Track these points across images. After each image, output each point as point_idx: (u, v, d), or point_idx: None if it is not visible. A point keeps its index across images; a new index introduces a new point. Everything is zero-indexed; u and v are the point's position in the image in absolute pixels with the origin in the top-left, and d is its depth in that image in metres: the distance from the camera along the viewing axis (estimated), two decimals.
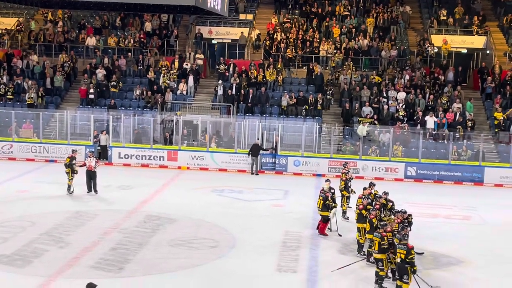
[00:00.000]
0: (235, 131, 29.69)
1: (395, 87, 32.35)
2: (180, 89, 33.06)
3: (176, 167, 28.65)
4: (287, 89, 33.16)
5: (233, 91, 32.17)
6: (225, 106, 31.91)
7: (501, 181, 27.55)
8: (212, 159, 28.81)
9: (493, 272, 15.46)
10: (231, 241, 17.24)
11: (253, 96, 32.11)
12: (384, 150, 29.05)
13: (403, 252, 12.92)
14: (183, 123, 29.99)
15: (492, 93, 32.46)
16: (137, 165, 28.84)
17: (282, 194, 24.04)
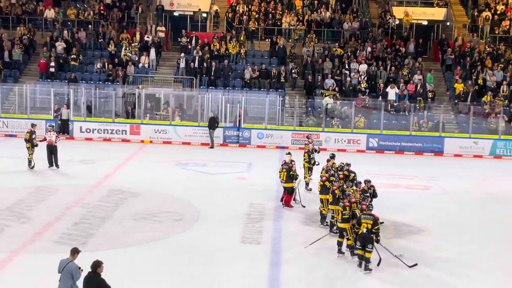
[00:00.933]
0: (198, 104, 29.56)
1: (357, 59, 32.53)
2: (141, 62, 32.68)
3: (139, 141, 28.44)
4: (250, 62, 33.06)
5: (196, 64, 31.94)
6: (188, 79, 31.69)
7: (461, 151, 28.07)
8: (175, 133, 28.67)
9: (452, 240, 15.83)
10: (195, 214, 17.28)
11: (216, 69, 31.94)
12: (347, 122, 29.29)
13: (370, 222, 13.15)
14: (145, 96, 29.73)
15: (452, 65, 32.89)
16: (99, 139, 28.53)
17: (245, 167, 24.11)
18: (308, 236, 15.32)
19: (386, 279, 13.06)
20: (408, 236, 16.03)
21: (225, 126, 28.76)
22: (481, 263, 14.21)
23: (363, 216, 13.34)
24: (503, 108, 29.54)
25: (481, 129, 29.14)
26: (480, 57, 32.86)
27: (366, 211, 13.38)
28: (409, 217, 17.60)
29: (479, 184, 22.47)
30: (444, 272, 13.58)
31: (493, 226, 17.32)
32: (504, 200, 20.32)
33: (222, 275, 12.84)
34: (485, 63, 32.37)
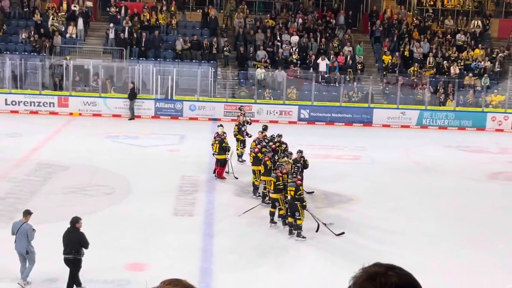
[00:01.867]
0: (128, 76, 29.04)
1: (289, 31, 32.64)
2: (69, 32, 31.76)
3: (68, 114, 27.76)
4: (181, 33, 32.64)
5: (126, 34, 31.31)
6: (118, 50, 31.04)
7: (388, 122, 28.76)
8: (105, 105, 28.13)
9: (380, 208, 16.28)
10: (127, 187, 17.12)
11: (146, 40, 31.39)
12: (279, 94, 29.46)
13: (292, 189, 13.43)
14: (73, 68, 28.98)
15: (381, 37, 33.46)
16: (26, 112, 27.66)
17: (178, 139, 23.97)
18: (240, 207, 15.45)
19: (317, 246, 13.35)
20: (338, 205, 16.39)
21: (157, 98, 28.42)
22: (409, 230, 14.69)
23: (288, 184, 13.61)
24: (429, 79, 30.35)
25: (408, 100, 29.89)
26: (407, 29, 33.55)
27: (291, 179, 13.66)
28: (339, 186, 17.96)
29: (406, 154, 23.12)
30: (374, 239, 13.98)
31: (420, 193, 17.92)
32: (430, 169, 21.02)
33: (154, 248, 12.82)
34: (412, 35, 33.09)
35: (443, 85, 30.20)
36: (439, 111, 29.27)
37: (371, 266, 2.04)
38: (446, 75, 30.89)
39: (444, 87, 30.17)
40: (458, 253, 13.14)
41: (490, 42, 33.63)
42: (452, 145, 24.89)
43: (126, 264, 11.95)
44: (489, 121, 29.10)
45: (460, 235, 14.38)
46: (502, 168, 21.44)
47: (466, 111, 29.29)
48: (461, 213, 16.02)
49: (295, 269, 12.23)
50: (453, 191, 18.21)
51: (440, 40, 32.70)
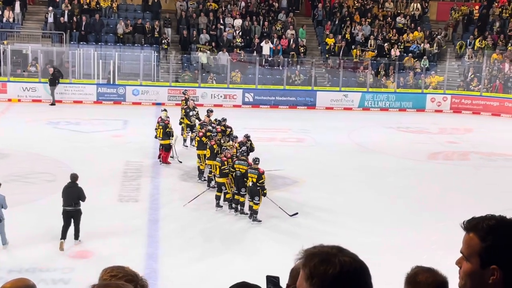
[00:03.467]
0: (69, 61, 28.47)
1: (232, 14, 32.55)
2: (5, 16, 30.83)
3: (6, 100, 27.05)
4: (122, 16, 32.13)
5: (65, 18, 30.60)
6: (57, 34, 30.34)
7: (331, 104, 29.13)
8: (46, 90, 27.52)
9: (324, 189, 16.51)
10: (69, 174, 16.79)
11: (87, 24, 30.79)
12: (223, 78, 29.42)
13: (254, 176, 13.54)
14: (11, 52, 28.20)
15: (323, 20, 33.73)
16: None
17: (121, 124, 23.71)
18: (186, 192, 15.44)
19: (264, 231, 13.46)
20: (284, 187, 16.54)
21: (98, 83, 27.98)
22: (352, 210, 14.94)
23: (249, 170, 13.69)
24: (371, 61, 30.82)
25: (350, 83, 30.31)
26: (348, 12, 33.91)
27: (253, 166, 13.74)
28: (284, 169, 18.10)
29: (349, 136, 23.48)
30: (319, 220, 14.17)
31: (363, 174, 18.24)
32: (371, 150, 21.42)
33: (99, 234, 12.69)
34: (353, 18, 33.48)
35: (384, 67, 30.73)
36: (380, 93, 29.81)
37: (317, 248, 2.05)
38: (387, 57, 31.43)
39: (385, 69, 30.71)
40: (400, 232, 13.47)
41: (429, 25, 34.35)
42: (393, 126, 25.43)
43: (71, 252, 11.81)
44: (429, 102, 29.83)
45: (402, 214, 14.73)
46: (441, 148, 22.05)
47: (407, 93, 29.94)
48: (402, 193, 16.40)
49: (241, 251, 12.33)
50: (394, 171, 18.62)
51: (381, 23, 33.20)
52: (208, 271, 11.25)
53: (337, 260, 1.97)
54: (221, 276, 10.83)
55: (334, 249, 2.03)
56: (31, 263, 11.09)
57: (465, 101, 29.93)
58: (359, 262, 2.02)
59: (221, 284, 9.81)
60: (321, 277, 1.96)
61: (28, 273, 10.75)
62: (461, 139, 23.68)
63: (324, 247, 2.05)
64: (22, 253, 11.71)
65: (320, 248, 2.04)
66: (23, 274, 10.42)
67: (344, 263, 1.97)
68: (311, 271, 1.98)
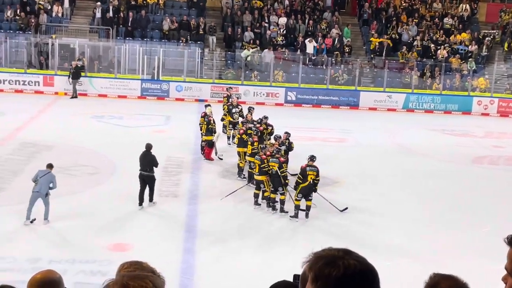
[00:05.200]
0: (114, 56, 28.85)
1: (276, 12, 32.50)
2: (54, 11, 31.42)
3: (53, 93, 27.58)
4: (168, 13, 32.41)
5: (111, 13, 31.02)
6: (104, 29, 30.79)
7: (375, 105, 28.80)
8: (91, 85, 27.96)
9: (364, 190, 16.35)
10: (111, 167, 17.07)
11: (133, 20, 31.16)
12: (266, 76, 29.39)
13: (314, 173, 13.66)
14: (59, 47, 28.72)
15: (369, 19, 33.40)
16: (11, 90, 27.44)
17: (163, 120, 23.90)
18: (225, 189, 15.45)
19: (301, 230, 13.40)
20: (323, 187, 16.32)
21: (143, 79, 28.29)
22: (391, 212, 14.75)
23: (309, 168, 13.73)
24: (416, 62, 30.38)
25: (395, 83, 29.93)
26: (395, 12, 33.49)
27: (310, 163, 13.88)
28: (324, 169, 17.87)
29: (391, 137, 23.18)
30: (359, 222, 14.04)
31: (405, 176, 18.00)
32: (414, 152, 21.10)
33: (137, 228, 12.82)
34: (400, 18, 33.06)
35: (430, 69, 30.25)
36: (425, 94, 29.35)
37: (325, 251, 2.04)
38: (433, 58, 30.93)
39: (430, 70, 30.23)
40: (440, 236, 13.23)
41: (478, 26, 33.67)
42: (437, 128, 25.00)
43: (109, 245, 11.93)
44: (475, 105, 29.23)
45: (442, 218, 14.46)
46: (486, 152, 21.58)
47: (452, 95, 29.42)
48: (444, 196, 16.12)
49: (277, 249, 12.28)
50: (437, 174, 18.29)
51: (428, 24, 32.69)
52: (244, 268, 11.24)
53: (342, 263, 1.97)
54: (256, 273, 10.81)
55: (341, 252, 2.02)
56: (70, 254, 11.25)
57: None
58: (366, 265, 2.00)
59: (256, 281, 9.80)
60: (325, 279, 1.95)
61: (68, 264, 10.92)
62: (508, 143, 23.11)
63: (331, 250, 2.05)
64: (62, 244, 11.90)
65: (328, 251, 2.03)
66: (63, 265, 10.61)
67: (348, 266, 1.96)
68: (316, 273, 1.98)
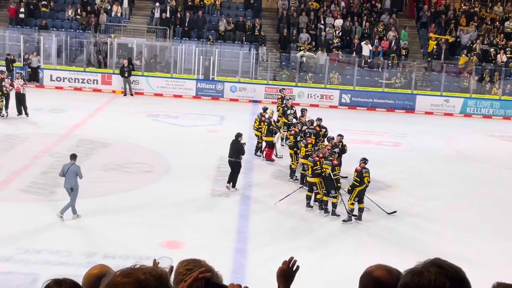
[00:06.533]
0: (171, 56, 29.23)
1: (333, 14, 32.31)
2: (114, 11, 32.06)
3: (110, 91, 28.11)
4: (224, 14, 32.64)
5: (168, 14, 31.42)
6: (161, 29, 31.22)
7: (432, 109, 28.30)
8: (148, 84, 28.39)
9: (418, 195, 16.10)
10: (165, 166, 17.28)
11: (190, 20, 31.50)
12: (320, 78, 29.26)
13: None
14: (117, 46, 29.28)
15: (427, 22, 32.85)
16: (70, 88, 28.12)
17: (218, 120, 24.05)
18: (277, 190, 15.47)
19: (352, 233, 13.28)
20: (376, 191, 16.20)
21: (198, 79, 28.56)
22: (446, 218, 14.49)
23: (364, 170, 13.93)
24: (475, 66, 29.73)
25: (452, 87, 29.35)
26: (455, 15, 32.85)
27: (362, 165, 13.99)
28: (377, 172, 17.68)
29: (448, 142, 22.73)
30: (411, 227, 13.85)
31: (460, 182, 17.64)
32: (471, 158, 20.65)
33: (191, 227, 12.93)
34: (459, 21, 32.41)
35: (489, 73, 29.56)
36: (484, 99, 28.69)
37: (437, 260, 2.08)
38: (493, 63, 30.20)
39: (490, 75, 29.53)
40: (495, 244, 12.91)
41: None
42: (496, 134, 24.39)
43: (162, 242, 12.07)
44: None
45: (498, 226, 14.11)
46: None
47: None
48: (500, 204, 15.72)
49: (328, 252, 12.21)
50: (494, 181, 17.86)
51: (488, 27, 31.95)
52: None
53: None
54: (307, 275, 10.75)
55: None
56: (124, 250, 11.43)
57: None
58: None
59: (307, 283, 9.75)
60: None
61: (121, 260, 11.09)
62: None
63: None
64: (117, 240, 12.10)
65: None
66: (116, 261, 10.78)
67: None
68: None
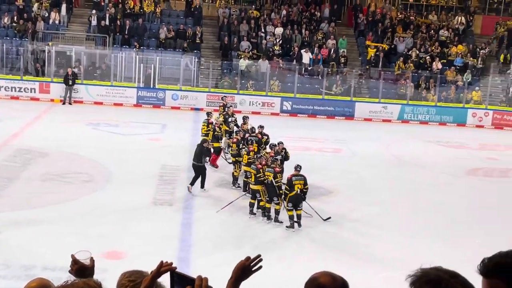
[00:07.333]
0: (111, 63, 28.88)
1: (273, 22, 32.61)
2: (52, 18, 31.46)
3: (49, 100, 27.55)
4: (165, 22, 32.48)
5: (108, 21, 31.05)
6: (101, 37, 30.82)
7: (370, 116, 28.87)
8: (87, 92, 27.95)
9: (358, 200, 16.38)
10: (107, 175, 17.05)
11: (130, 28, 31.21)
12: (261, 85, 29.45)
13: (302, 182, 13.76)
14: (55, 53, 28.74)
15: (365, 30, 33.52)
16: (6, 97, 27.40)
17: (159, 128, 23.90)
18: (220, 197, 15.48)
19: (295, 239, 13.40)
20: (317, 197, 16.41)
21: (139, 87, 28.32)
22: (386, 223, 14.77)
23: (295, 177, 13.77)
24: (411, 74, 30.49)
25: (390, 94, 30.02)
26: (391, 23, 33.64)
27: (296, 173, 13.94)
28: (319, 179, 17.97)
29: (386, 148, 23.22)
30: (352, 232, 14.06)
31: (399, 187, 18.04)
32: (409, 163, 21.15)
33: (132, 236, 12.80)
34: (396, 30, 33.21)
35: (425, 80, 30.37)
36: (420, 106, 29.45)
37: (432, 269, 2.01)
38: (429, 70, 31.06)
39: (426, 82, 30.34)
40: (434, 248, 13.24)
41: (473, 39, 33.85)
42: (432, 140, 25.07)
43: (104, 252, 11.87)
44: (470, 117, 29.33)
45: (437, 229, 14.49)
46: (481, 164, 21.63)
47: (447, 107, 29.52)
48: (438, 208, 16.13)
49: (272, 259, 12.27)
50: (431, 186, 18.33)
51: (424, 35, 32.85)
52: None
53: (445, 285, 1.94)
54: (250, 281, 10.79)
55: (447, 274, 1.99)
56: (64, 262, 11.19)
57: (507, 117, 29.35)
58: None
59: None
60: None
61: (62, 272, 10.85)
62: (502, 155, 23.19)
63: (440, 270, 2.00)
64: (56, 252, 11.83)
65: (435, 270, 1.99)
66: (56, 273, 10.53)
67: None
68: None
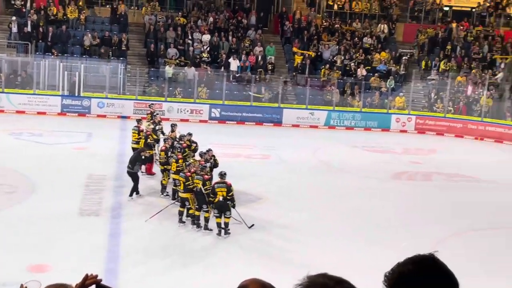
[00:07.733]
0: (33, 71, 28.08)
1: (200, 29, 32.55)
2: None
3: None
4: (89, 28, 31.87)
5: (31, 28, 30.20)
6: (22, 44, 29.93)
7: (298, 122, 29.22)
8: (8, 101, 27.08)
9: (286, 206, 16.51)
10: (30, 186, 16.56)
11: (53, 35, 30.45)
12: (190, 92, 29.32)
13: (224, 190, 13.56)
14: None
15: (291, 37, 33.90)
16: None
17: (85, 137, 23.41)
18: (148, 206, 15.30)
19: (224, 247, 13.38)
20: (246, 203, 16.44)
21: (63, 95, 27.67)
22: (315, 228, 14.94)
23: (217, 185, 13.65)
24: (337, 80, 31.05)
25: (316, 101, 30.47)
26: (317, 30, 34.18)
27: (220, 180, 13.71)
28: (247, 185, 18.03)
29: (314, 153, 23.53)
30: (281, 238, 14.15)
31: (327, 193, 18.27)
32: (336, 168, 21.52)
33: (58, 248, 12.47)
34: (321, 37, 33.76)
35: (350, 86, 31.00)
36: (346, 112, 30.02)
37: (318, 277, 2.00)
38: (354, 76, 31.71)
39: (351, 88, 30.97)
40: (362, 252, 13.49)
41: (396, 46, 34.80)
42: (358, 145, 25.59)
43: (28, 266, 11.54)
44: (394, 122, 30.13)
45: (364, 233, 14.76)
46: (405, 168, 22.23)
47: (372, 112, 30.22)
48: (365, 212, 16.46)
49: (202, 267, 12.22)
50: (358, 190, 18.68)
51: (348, 43, 33.53)
52: (168, 287, 11.11)
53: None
54: None
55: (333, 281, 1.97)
56: None
57: (429, 122, 30.31)
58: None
59: None
60: None
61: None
62: (425, 159, 23.91)
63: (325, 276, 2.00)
64: None
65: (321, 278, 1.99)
66: None
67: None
68: None
